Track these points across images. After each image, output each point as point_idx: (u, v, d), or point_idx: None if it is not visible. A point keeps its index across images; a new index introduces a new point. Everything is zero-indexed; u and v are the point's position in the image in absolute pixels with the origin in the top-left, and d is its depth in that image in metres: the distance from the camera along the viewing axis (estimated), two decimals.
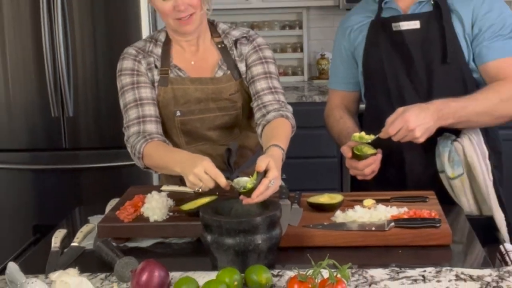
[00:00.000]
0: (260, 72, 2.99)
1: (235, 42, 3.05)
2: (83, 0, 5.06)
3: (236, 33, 3.07)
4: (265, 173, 2.35)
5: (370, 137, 2.79)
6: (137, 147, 2.82)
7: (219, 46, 3.05)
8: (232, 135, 3.07)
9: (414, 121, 2.69)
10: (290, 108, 2.96)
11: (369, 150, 2.82)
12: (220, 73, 3.01)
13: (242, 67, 3.03)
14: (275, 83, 2.99)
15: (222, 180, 2.43)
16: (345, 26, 3.29)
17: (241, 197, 2.32)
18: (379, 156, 2.85)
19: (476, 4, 2.98)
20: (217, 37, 3.07)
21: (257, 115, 2.93)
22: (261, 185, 2.29)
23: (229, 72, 3.01)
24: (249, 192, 2.29)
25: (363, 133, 2.82)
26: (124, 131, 2.95)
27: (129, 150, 2.91)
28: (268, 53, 3.05)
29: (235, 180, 2.40)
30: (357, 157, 2.84)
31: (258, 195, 2.28)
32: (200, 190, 2.48)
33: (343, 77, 3.34)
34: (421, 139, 2.74)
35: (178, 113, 2.99)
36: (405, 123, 2.69)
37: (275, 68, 3.05)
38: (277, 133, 2.73)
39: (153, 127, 2.91)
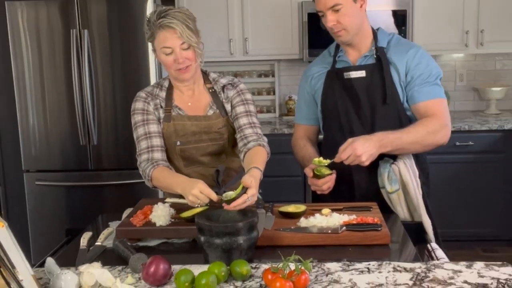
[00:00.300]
0: (242, 111, 3.00)
1: (223, 87, 3.06)
2: (104, 55, 5.11)
3: (223, 80, 3.08)
4: (246, 189, 2.39)
5: (327, 161, 2.80)
6: (146, 171, 2.84)
7: (210, 90, 3.05)
8: (220, 159, 3.07)
9: (360, 149, 2.70)
10: (265, 139, 2.97)
11: (326, 171, 2.83)
12: (211, 112, 3.02)
13: (228, 107, 3.03)
14: (254, 119, 3.01)
15: (214, 196, 2.47)
16: (307, 74, 3.29)
17: (224, 204, 2.35)
18: (334, 176, 2.86)
19: (409, 58, 3.00)
20: (208, 83, 3.07)
21: (240, 144, 2.94)
22: (240, 199, 2.34)
23: (218, 111, 3.02)
24: (231, 201, 2.33)
25: (321, 158, 2.83)
26: (137, 157, 2.96)
27: (140, 173, 2.91)
28: (248, 96, 3.07)
29: (224, 194, 2.42)
30: (317, 176, 2.85)
31: (236, 206, 2.32)
32: (199, 206, 2.50)
33: (306, 114, 3.33)
34: (366, 163, 2.75)
35: (178, 143, 2.99)
36: (353, 150, 2.70)
37: (253, 108, 3.06)
38: (256, 158, 2.74)
39: (159, 155, 2.92)
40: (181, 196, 2.72)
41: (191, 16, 2.86)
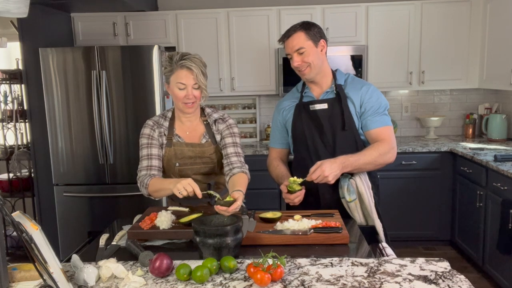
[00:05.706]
0: (229, 142, 3.00)
1: (215, 121, 3.05)
2: (119, 91, 5.12)
3: (215, 115, 3.08)
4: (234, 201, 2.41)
5: (300, 180, 2.80)
6: (145, 181, 2.83)
7: (205, 123, 3.05)
8: (210, 177, 3.06)
9: (328, 171, 2.70)
10: (247, 166, 2.96)
11: (297, 187, 2.82)
12: (204, 141, 3.02)
13: (218, 137, 3.03)
14: (238, 149, 3.01)
15: (199, 193, 2.47)
16: (279, 107, 3.29)
17: (216, 207, 2.38)
18: (303, 191, 2.84)
19: (362, 93, 3.01)
20: (203, 117, 3.07)
21: (226, 168, 2.94)
22: (232, 207, 2.36)
23: (210, 140, 3.02)
24: (225, 205, 2.38)
25: (295, 177, 2.84)
26: (137, 172, 2.95)
27: (138, 183, 2.90)
28: (235, 129, 3.06)
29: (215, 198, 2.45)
30: (290, 192, 2.84)
31: (229, 211, 2.34)
32: (182, 195, 2.49)
33: (279, 139, 3.32)
34: (332, 181, 2.74)
35: (177, 164, 2.99)
36: (322, 172, 2.70)
37: (239, 139, 3.05)
38: (239, 182, 2.74)
39: (156, 173, 2.92)
40: (181, 205, 2.72)
41: (204, 63, 2.93)
